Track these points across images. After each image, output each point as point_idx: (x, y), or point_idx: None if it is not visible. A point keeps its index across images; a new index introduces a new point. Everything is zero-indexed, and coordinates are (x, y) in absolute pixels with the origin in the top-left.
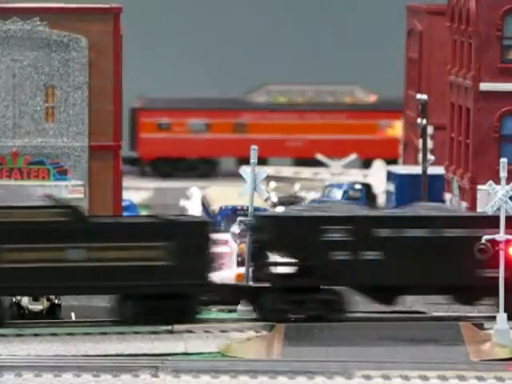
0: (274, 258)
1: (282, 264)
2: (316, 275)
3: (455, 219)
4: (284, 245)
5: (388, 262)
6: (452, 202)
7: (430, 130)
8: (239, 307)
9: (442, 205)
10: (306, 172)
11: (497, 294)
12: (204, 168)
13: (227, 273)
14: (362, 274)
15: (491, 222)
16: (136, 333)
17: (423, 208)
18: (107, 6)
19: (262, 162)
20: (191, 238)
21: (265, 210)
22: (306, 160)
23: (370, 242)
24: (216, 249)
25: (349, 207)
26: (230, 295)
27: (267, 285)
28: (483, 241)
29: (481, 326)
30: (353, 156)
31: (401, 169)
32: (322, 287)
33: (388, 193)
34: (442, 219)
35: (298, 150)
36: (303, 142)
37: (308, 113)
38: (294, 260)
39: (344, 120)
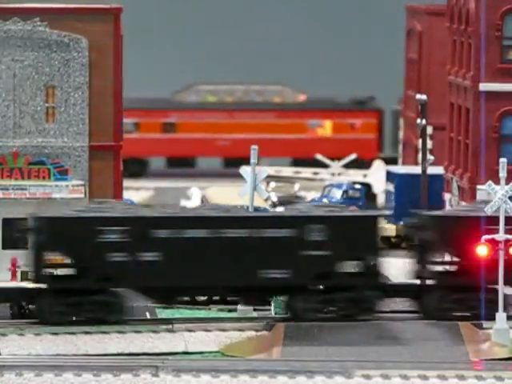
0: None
1: (60, 266)
2: (93, 277)
3: (236, 220)
4: (60, 246)
5: (167, 263)
6: (451, 202)
7: (429, 130)
8: (239, 307)
9: (228, 205)
10: (306, 172)
11: (282, 294)
12: (134, 168)
13: None
14: (140, 275)
15: (274, 222)
16: (136, 332)
17: (205, 208)
18: (107, 6)
19: (190, 161)
20: None
21: (265, 209)
22: (234, 159)
23: (147, 243)
24: None
25: (128, 208)
26: None
27: (44, 287)
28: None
29: (480, 326)
30: (352, 156)
31: (400, 169)
32: (101, 289)
33: (387, 192)
34: (221, 220)
35: (227, 150)
36: (232, 142)
37: (237, 112)
38: (70, 261)
39: (273, 119)
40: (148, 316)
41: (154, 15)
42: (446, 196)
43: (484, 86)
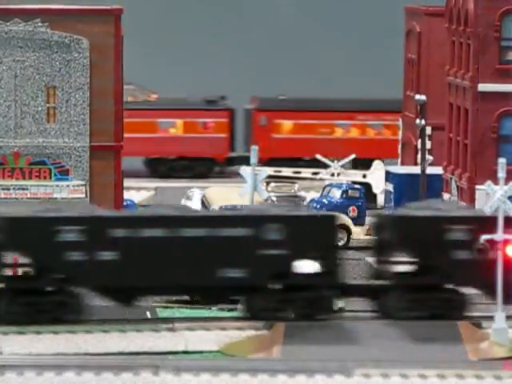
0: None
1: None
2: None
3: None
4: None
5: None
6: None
7: (428, 130)
8: (240, 306)
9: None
10: (306, 172)
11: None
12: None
13: None
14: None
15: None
16: (137, 331)
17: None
18: (108, 7)
19: None
20: None
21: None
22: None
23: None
24: None
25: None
26: None
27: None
28: (481, 241)
29: (479, 325)
30: (351, 156)
31: (400, 169)
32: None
33: (387, 192)
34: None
35: None
36: None
37: None
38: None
39: (125, 119)
40: (148, 315)
41: (155, 16)
42: (445, 196)
43: (483, 87)
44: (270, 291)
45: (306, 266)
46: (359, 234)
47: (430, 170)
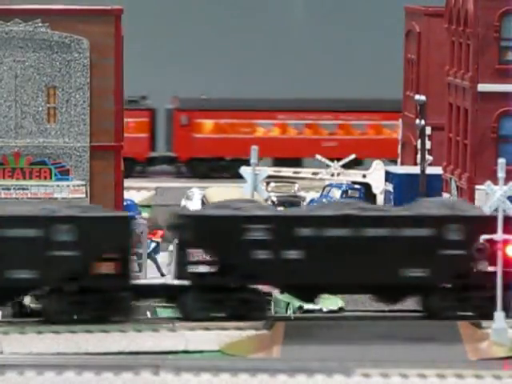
0: None
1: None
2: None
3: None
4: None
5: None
6: None
7: (428, 130)
8: None
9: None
10: (306, 172)
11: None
12: None
13: None
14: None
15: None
16: (137, 331)
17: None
18: (108, 7)
19: None
20: None
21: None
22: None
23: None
24: None
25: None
26: None
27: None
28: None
29: (479, 325)
30: (351, 156)
31: (399, 169)
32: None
33: (386, 192)
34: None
35: None
36: None
37: None
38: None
39: None
40: (149, 315)
41: (155, 16)
42: (445, 196)
43: (482, 87)
44: (64, 294)
45: None
46: None
47: (429, 170)
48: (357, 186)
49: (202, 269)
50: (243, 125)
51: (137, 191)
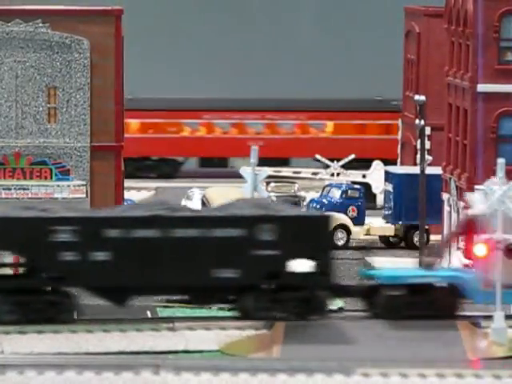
0: None
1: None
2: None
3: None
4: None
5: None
6: (450, 202)
7: (427, 130)
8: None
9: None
10: (306, 172)
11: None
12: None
13: None
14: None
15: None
16: (138, 330)
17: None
18: (109, 8)
19: None
20: None
21: None
22: None
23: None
24: None
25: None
26: None
27: None
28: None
29: (478, 325)
30: (351, 156)
31: (399, 169)
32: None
33: (386, 192)
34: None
35: None
36: None
37: None
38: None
39: None
40: (149, 315)
41: (155, 17)
42: (445, 196)
43: (482, 87)
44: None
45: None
46: (359, 233)
47: (429, 170)
48: (357, 186)
49: (8, 271)
50: (169, 124)
51: (137, 191)
